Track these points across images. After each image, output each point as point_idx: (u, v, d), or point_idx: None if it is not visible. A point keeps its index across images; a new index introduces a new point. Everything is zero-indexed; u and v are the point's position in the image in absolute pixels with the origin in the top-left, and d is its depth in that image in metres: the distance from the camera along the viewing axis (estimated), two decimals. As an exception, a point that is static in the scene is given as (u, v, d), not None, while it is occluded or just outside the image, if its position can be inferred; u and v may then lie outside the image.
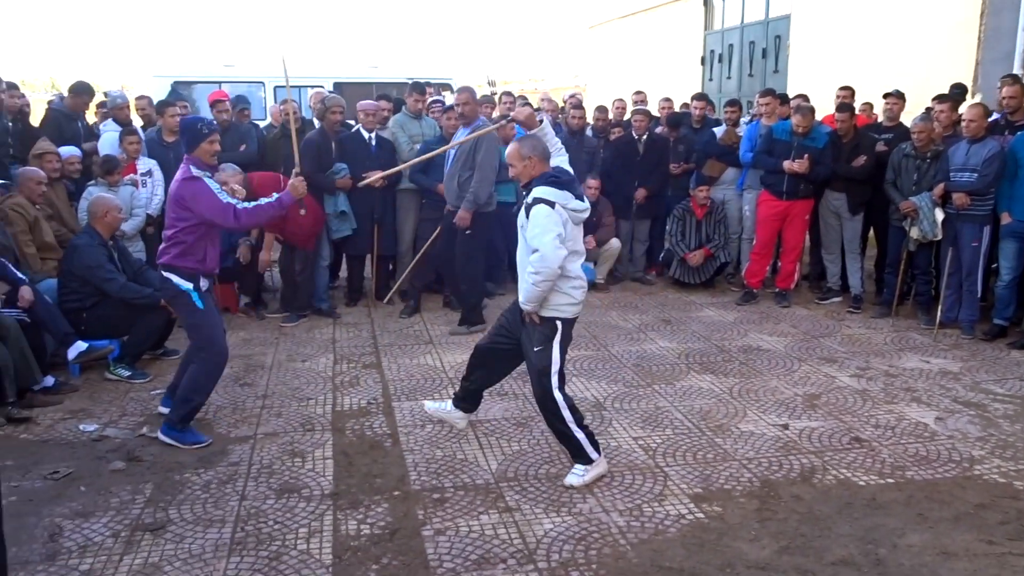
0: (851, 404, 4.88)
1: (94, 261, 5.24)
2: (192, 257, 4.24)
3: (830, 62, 11.70)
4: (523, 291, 3.80)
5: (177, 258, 4.22)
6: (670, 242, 7.84)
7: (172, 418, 4.30)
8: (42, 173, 5.87)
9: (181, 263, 4.23)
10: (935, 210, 6.14)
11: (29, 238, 5.66)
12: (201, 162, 4.24)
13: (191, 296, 4.25)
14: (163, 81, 11.31)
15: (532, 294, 3.76)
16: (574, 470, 3.91)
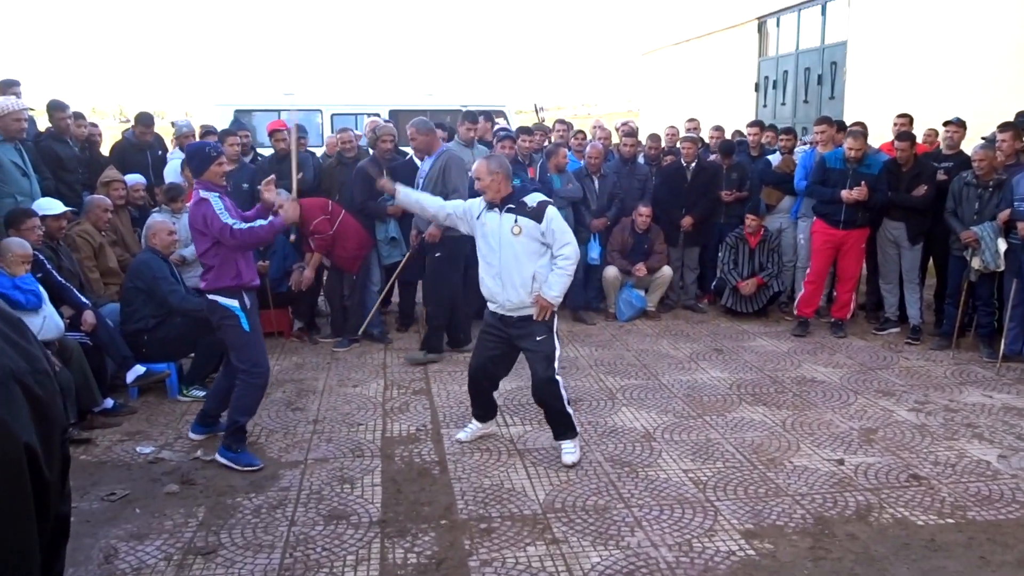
0: (909, 439, 4.74)
1: (160, 272, 5.43)
2: (227, 275, 4.33)
3: (888, 89, 11.51)
4: (556, 285, 4.25)
5: (214, 280, 4.35)
6: (722, 270, 7.75)
7: (226, 441, 4.41)
8: (108, 201, 6.09)
9: (219, 283, 4.34)
10: (998, 240, 5.97)
11: (94, 263, 5.88)
12: (212, 184, 4.37)
13: (239, 318, 4.35)
14: (225, 109, 11.67)
15: (565, 284, 4.29)
16: (568, 448, 4.43)
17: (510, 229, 4.27)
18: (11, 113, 5.66)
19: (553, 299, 4.27)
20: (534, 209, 4.23)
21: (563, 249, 4.23)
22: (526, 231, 4.23)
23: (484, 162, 4.36)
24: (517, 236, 4.24)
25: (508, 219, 4.28)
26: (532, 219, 4.23)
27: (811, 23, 14.04)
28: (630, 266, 7.58)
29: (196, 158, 4.42)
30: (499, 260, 4.30)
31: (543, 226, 4.22)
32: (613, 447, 4.66)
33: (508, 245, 4.27)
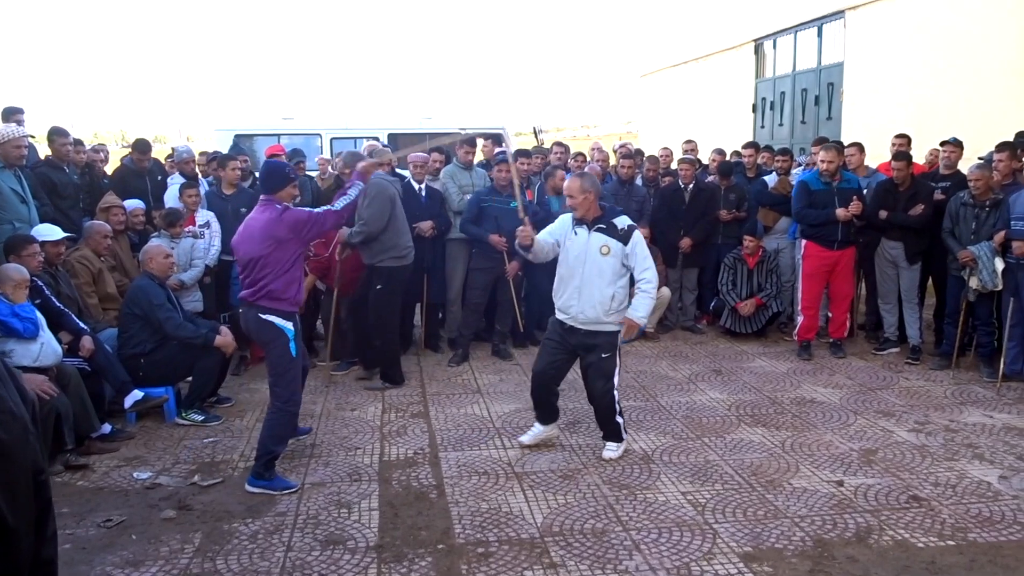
0: (909, 460, 4.72)
1: (156, 298, 5.43)
2: (290, 295, 4.39)
3: (885, 109, 11.58)
4: (641, 307, 4.60)
5: (274, 299, 4.34)
6: (721, 291, 7.76)
7: (258, 469, 4.39)
8: (108, 227, 6.12)
9: (280, 305, 4.36)
10: (995, 259, 5.98)
11: (92, 289, 5.89)
12: (283, 203, 4.45)
13: (290, 342, 4.40)
14: (225, 134, 11.73)
15: (649, 306, 4.66)
16: (609, 447, 4.81)
17: (599, 248, 4.56)
18: (11, 140, 5.70)
19: (639, 320, 4.64)
20: (624, 232, 4.58)
21: (645, 273, 4.57)
22: (614, 252, 4.56)
23: (578, 181, 4.61)
24: (605, 256, 4.55)
25: (597, 238, 4.58)
26: (620, 241, 4.55)
27: (808, 45, 14.16)
28: (629, 287, 7.58)
29: (275, 176, 4.47)
30: (581, 276, 4.58)
31: (628, 248, 4.56)
32: (611, 470, 4.64)
33: (593, 263, 4.56)
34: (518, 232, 4.67)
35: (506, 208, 6.90)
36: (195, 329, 5.50)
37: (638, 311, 4.61)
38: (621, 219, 4.64)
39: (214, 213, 6.94)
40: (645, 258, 4.58)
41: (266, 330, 4.39)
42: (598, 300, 4.55)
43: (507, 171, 7.00)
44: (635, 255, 4.56)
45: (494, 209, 6.86)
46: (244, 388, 6.31)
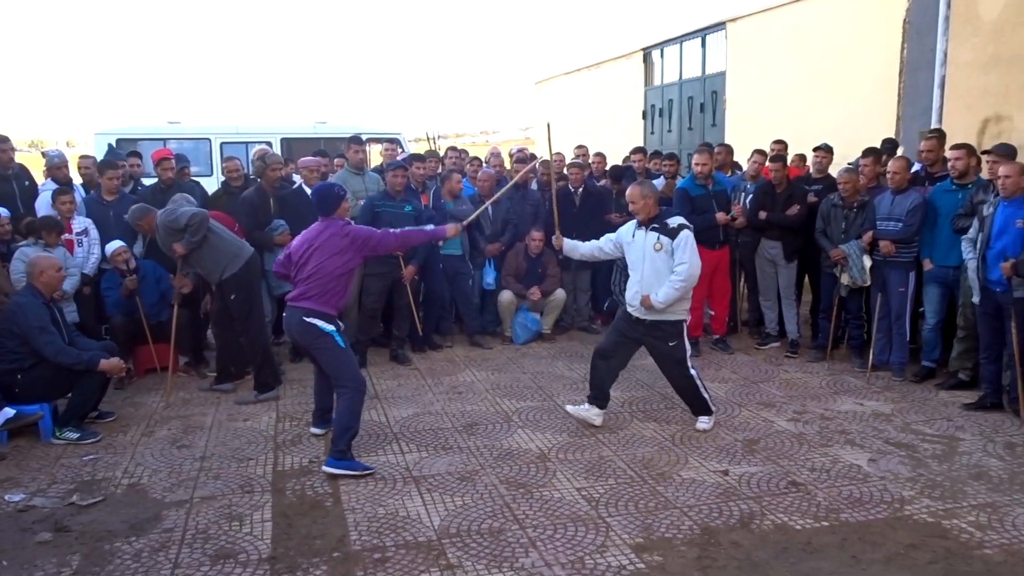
0: (788, 448, 4.98)
1: (37, 321, 5.12)
2: (334, 301, 4.75)
3: (763, 116, 12.16)
4: (663, 293, 5.01)
5: (320, 303, 4.68)
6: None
7: (340, 447, 4.61)
8: None
9: (323, 308, 4.69)
10: (863, 257, 6.37)
11: None
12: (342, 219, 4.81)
13: (335, 338, 4.70)
14: (106, 138, 11.22)
15: (672, 296, 5.04)
16: (703, 420, 5.32)
17: (652, 245, 5.09)
18: None
19: (656, 303, 5.06)
20: (674, 229, 5.08)
21: (680, 266, 5.02)
22: (665, 248, 5.07)
23: (638, 188, 5.19)
24: (658, 252, 5.07)
25: (652, 236, 5.12)
26: (669, 237, 5.06)
27: (692, 54, 14.71)
28: (524, 290, 7.69)
29: (328, 200, 4.81)
30: (642, 274, 5.13)
31: (676, 243, 5.04)
32: (508, 469, 4.70)
33: (650, 260, 5.10)
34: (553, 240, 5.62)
35: (400, 212, 6.89)
36: (77, 355, 5.20)
37: (658, 296, 5.04)
38: (674, 219, 5.17)
39: (92, 220, 6.64)
40: (686, 253, 5.03)
41: (309, 332, 4.71)
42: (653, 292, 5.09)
43: (402, 176, 7.00)
44: (679, 248, 5.04)
45: (388, 214, 6.83)
46: (128, 401, 6.05)
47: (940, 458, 4.77)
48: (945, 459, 4.75)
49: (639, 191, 5.16)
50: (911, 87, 9.61)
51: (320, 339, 4.70)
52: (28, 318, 5.11)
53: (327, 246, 4.69)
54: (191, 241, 5.77)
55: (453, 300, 7.78)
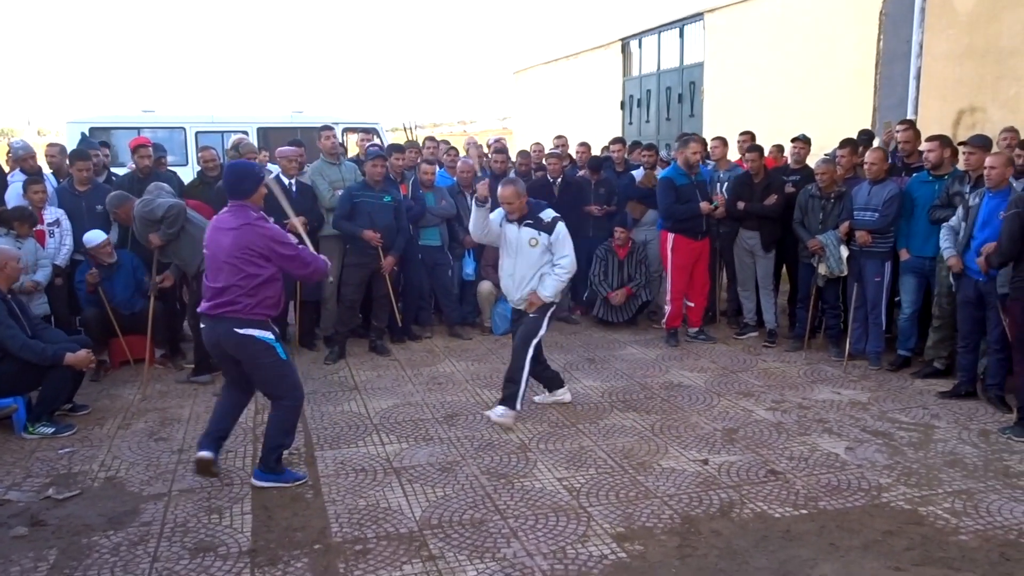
0: (767, 437, 5.02)
1: None
2: (267, 305, 4.12)
3: (740, 107, 12.22)
4: (549, 287, 5.15)
5: (250, 311, 4.05)
6: (593, 282, 7.97)
7: (269, 463, 4.29)
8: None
9: (256, 315, 4.08)
10: (840, 247, 6.43)
11: None
12: (256, 208, 4.16)
13: (276, 349, 4.16)
14: (78, 127, 11.03)
15: (557, 287, 5.19)
16: (497, 409, 5.19)
17: (528, 241, 5.14)
18: None
19: (545, 298, 5.18)
20: (548, 224, 5.13)
21: (562, 260, 5.14)
22: (541, 243, 5.12)
23: (513, 187, 5.14)
24: (534, 247, 5.14)
25: (527, 232, 5.15)
26: (545, 232, 5.11)
27: (670, 45, 14.74)
28: (504, 280, 7.68)
29: (248, 179, 4.14)
30: (515, 266, 5.21)
31: (552, 237, 5.11)
32: (489, 460, 4.70)
33: (525, 254, 5.17)
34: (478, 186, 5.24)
35: (380, 203, 6.85)
36: (42, 349, 5.08)
37: (546, 290, 5.15)
38: (546, 212, 5.18)
39: (65, 210, 6.53)
40: (565, 246, 5.14)
41: (247, 345, 4.11)
42: (529, 287, 5.19)
43: (381, 166, 6.95)
44: (557, 243, 5.12)
45: (367, 204, 6.79)
46: (104, 394, 5.98)
47: (916, 446, 4.83)
48: (921, 447, 4.82)
49: (515, 190, 5.13)
50: (887, 78, 9.70)
51: (263, 351, 4.13)
52: None
53: (247, 246, 4.02)
54: (167, 233, 5.70)
55: (432, 291, 7.75)
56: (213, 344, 4.21)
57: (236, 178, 4.17)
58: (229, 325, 4.06)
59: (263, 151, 7.99)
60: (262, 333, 4.11)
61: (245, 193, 4.11)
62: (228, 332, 4.08)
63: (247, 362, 4.17)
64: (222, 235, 4.07)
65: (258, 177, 4.17)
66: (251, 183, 4.13)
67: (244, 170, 4.27)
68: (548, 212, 5.20)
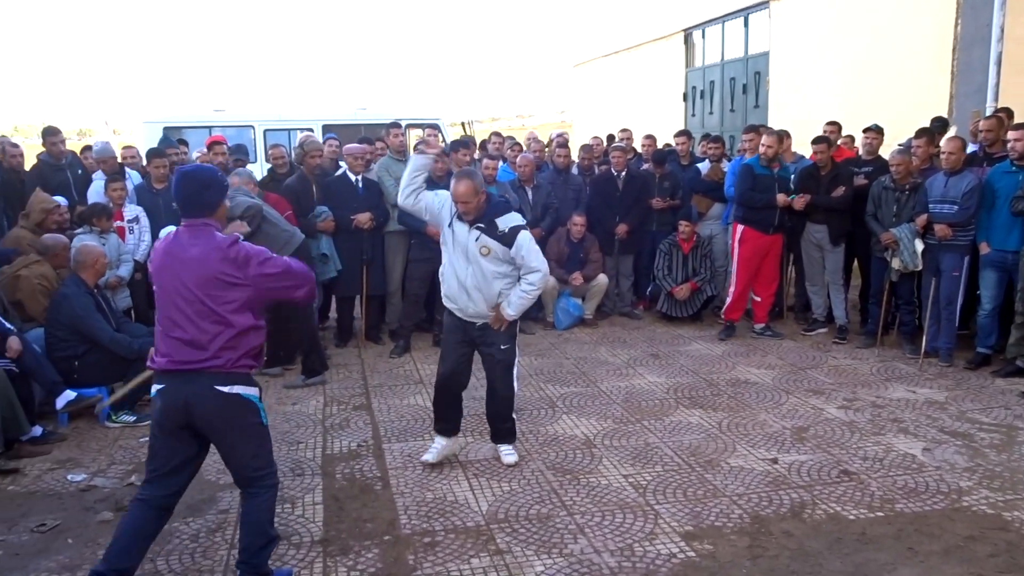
0: (839, 436, 4.91)
1: (83, 311, 5.24)
2: (249, 350, 3.16)
3: (809, 97, 11.93)
4: (515, 304, 4.28)
5: (235, 364, 3.10)
6: (657, 276, 7.90)
7: (263, 570, 3.25)
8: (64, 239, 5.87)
9: (241, 367, 3.13)
10: (915, 241, 6.23)
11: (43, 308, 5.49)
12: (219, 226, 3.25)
13: (261, 410, 3.23)
14: (153, 127, 11.40)
15: (524, 305, 4.34)
16: (507, 450, 4.62)
17: (479, 248, 4.23)
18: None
19: (509, 316, 4.33)
20: (505, 235, 4.20)
21: (531, 275, 4.27)
22: (495, 252, 4.23)
23: (471, 183, 4.13)
24: (485, 256, 4.23)
25: (475, 236, 4.23)
26: (502, 244, 4.21)
27: (735, 35, 14.47)
28: (566, 275, 7.67)
29: (211, 188, 3.21)
30: (467, 274, 4.29)
31: (513, 251, 4.22)
32: (555, 455, 4.71)
33: (476, 263, 4.25)
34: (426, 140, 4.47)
35: (444, 199, 6.89)
36: (128, 343, 5.31)
37: (511, 307, 4.29)
38: (505, 218, 4.23)
39: (143, 208, 6.76)
40: (533, 259, 4.24)
41: (233, 409, 3.12)
42: (485, 298, 4.31)
43: (443, 162, 6.99)
44: (521, 256, 4.23)
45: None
46: (180, 386, 6.17)
47: (999, 447, 4.66)
48: (1004, 448, 4.64)
49: (473, 187, 4.13)
50: (965, 64, 9.34)
51: (247, 415, 3.16)
52: (75, 308, 5.22)
53: (218, 278, 3.05)
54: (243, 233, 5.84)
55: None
56: (176, 409, 3.08)
57: (195, 188, 3.18)
58: (207, 383, 3.05)
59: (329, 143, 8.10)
60: (249, 390, 3.16)
61: (207, 207, 3.19)
62: (205, 393, 3.05)
63: (226, 431, 3.16)
64: (180, 266, 3.08)
65: (222, 186, 3.29)
66: (214, 194, 3.21)
67: (205, 178, 3.26)
68: (508, 218, 4.24)
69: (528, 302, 4.35)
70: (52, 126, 7.35)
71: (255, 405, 3.20)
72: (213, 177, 3.29)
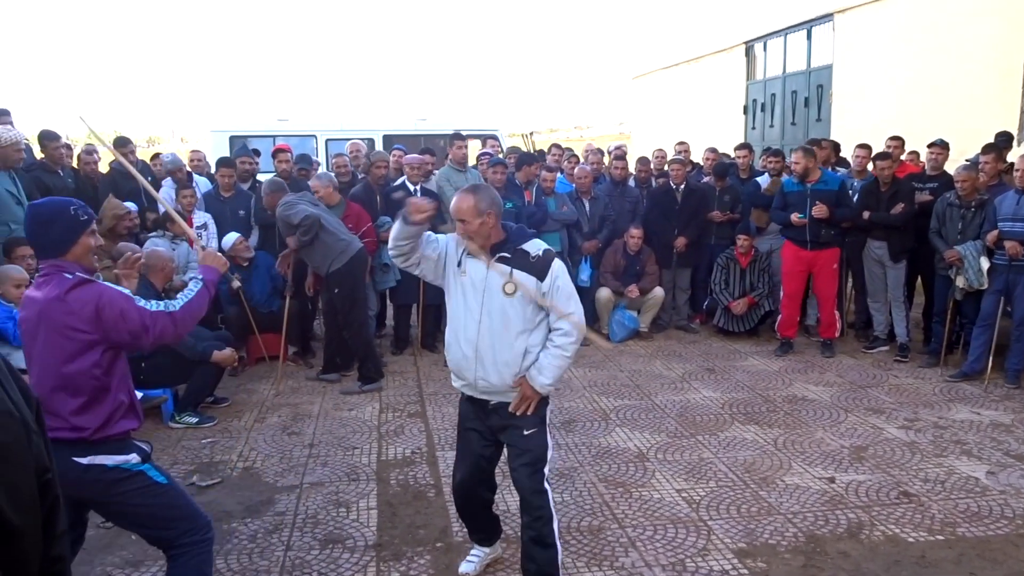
0: (899, 457, 4.80)
1: None
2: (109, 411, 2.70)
3: (872, 111, 11.69)
4: (550, 371, 3.14)
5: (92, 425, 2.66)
6: (714, 290, 7.83)
7: None
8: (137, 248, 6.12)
9: (105, 431, 2.69)
10: (980, 259, 6.06)
11: None
12: (83, 269, 2.78)
13: (146, 473, 2.76)
14: (220, 136, 11.76)
15: (563, 367, 3.19)
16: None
17: (502, 286, 3.14)
18: (13, 144, 5.73)
19: (543, 388, 3.17)
20: (538, 260, 3.14)
21: (564, 321, 3.15)
22: (524, 289, 3.12)
23: (471, 197, 3.11)
24: (511, 296, 3.13)
25: (500, 271, 3.15)
26: (533, 274, 3.12)
27: (797, 47, 14.27)
28: (623, 287, 7.66)
29: (54, 225, 2.72)
30: (479, 326, 3.16)
31: (546, 284, 3.12)
32: (607, 468, 4.70)
33: (497, 308, 3.15)
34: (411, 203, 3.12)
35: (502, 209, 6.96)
36: (193, 344, 5.47)
37: (544, 375, 3.14)
38: (533, 243, 3.21)
39: (211, 215, 6.98)
40: (569, 297, 3.17)
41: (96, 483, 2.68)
42: (504, 359, 3.16)
43: (502, 172, 7.08)
44: (555, 290, 3.13)
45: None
46: (241, 388, 6.35)
47: (1067, 474, 4.50)
48: (1073, 475, 4.49)
49: (473, 202, 3.09)
50: (1036, 78, 9.05)
51: (124, 483, 2.71)
52: None
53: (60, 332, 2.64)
54: (301, 240, 6.00)
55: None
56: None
57: (35, 226, 2.77)
58: (65, 453, 2.57)
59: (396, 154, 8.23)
60: (116, 458, 2.70)
61: (51, 247, 2.74)
62: (65, 465, 2.48)
63: (102, 504, 2.80)
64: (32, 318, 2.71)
65: (74, 221, 2.76)
66: (60, 231, 2.73)
67: (47, 213, 2.77)
68: (536, 243, 3.22)
69: (567, 364, 3.20)
70: (123, 137, 7.65)
71: (131, 472, 2.72)
72: (60, 211, 2.75)
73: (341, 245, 6.14)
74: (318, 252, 6.11)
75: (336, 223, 6.27)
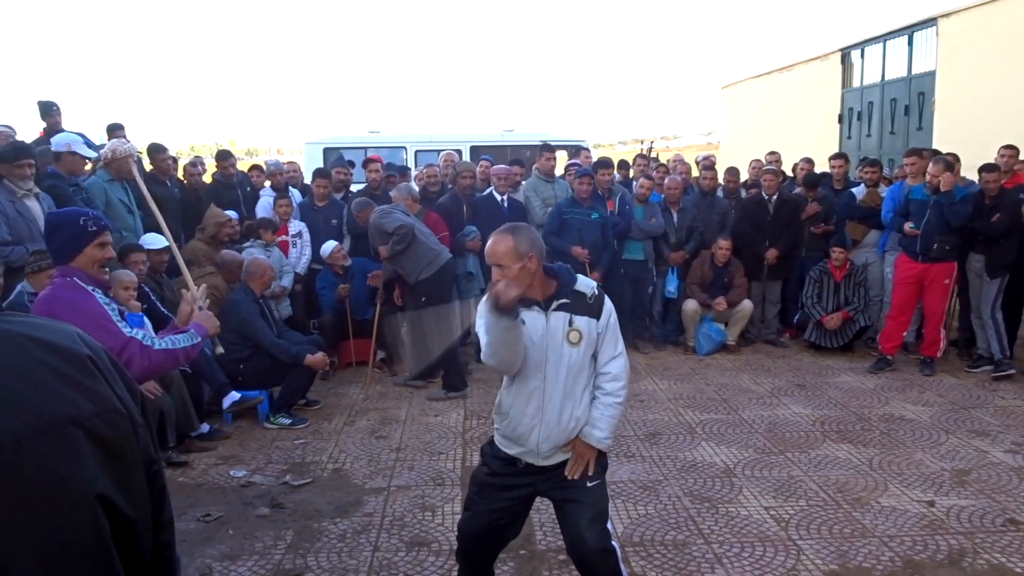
0: (1005, 482, 4.55)
1: (249, 315, 5.67)
2: None
3: (979, 119, 11.15)
4: (606, 424, 2.85)
5: None
6: (806, 304, 7.61)
7: None
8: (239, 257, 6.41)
9: None
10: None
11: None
12: (87, 277, 2.91)
13: None
14: (314, 147, 12.14)
15: (618, 418, 2.90)
16: None
17: (566, 335, 2.80)
18: (127, 156, 6.07)
19: (600, 443, 2.86)
20: (595, 299, 2.84)
21: (612, 364, 2.88)
22: (587, 336, 2.81)
23: (510, 238, 2.73)
24: (576, 345, 2.80)
25: (560, 320, 2.80)
26: (591, 316, 2.82)
27: (897, 53, 13.77)
28: (710, 300, 7.53)
29: (63, 233, 2.90)
30: (544, 384, 2.82)
31: (601, 323, 2.84)
32: (692, 482, 4.63)
33: (560, 361, 2.81)
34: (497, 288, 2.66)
35: (587, 220, 6.98)
36: (287, 347, 5.70)
37: (600, 428, 2.85)
38: (583, 282, 2.88)
39: (306, 224, 7.22)
40: (619, 337, 2.91)
41: None
42: (571, 415, 2.84)
43: (588, 183, 7.08)
44: (608, 329, 2.85)
45: (575, 220, 6.94)
46: (332, 392, 6.52)
47: None
48: None
49: (512, 244, 2.71)
50: None
51: None
52: (241, 312, 5.66)
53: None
54: (394, 248, 6.13)
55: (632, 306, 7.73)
56: None
57: (48, 232, 3.01)
58: None
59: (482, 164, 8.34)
60: None
61: (59, 254, 2.94)
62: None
63: None
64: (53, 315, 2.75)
65: (80, 232, 2.89)
66: (62, 239, 2.90)
67: (54, 222, 3.01)
68: (586, 281, 2.89)
69: (621, 412, 2.92)
70: (225, 150, 8.04)
71: None
72: (70, 221, 2.89)
73: (431, 255, 6.25)
74: (408, 260, 6.24)
75: (427, 233, 6.39)
